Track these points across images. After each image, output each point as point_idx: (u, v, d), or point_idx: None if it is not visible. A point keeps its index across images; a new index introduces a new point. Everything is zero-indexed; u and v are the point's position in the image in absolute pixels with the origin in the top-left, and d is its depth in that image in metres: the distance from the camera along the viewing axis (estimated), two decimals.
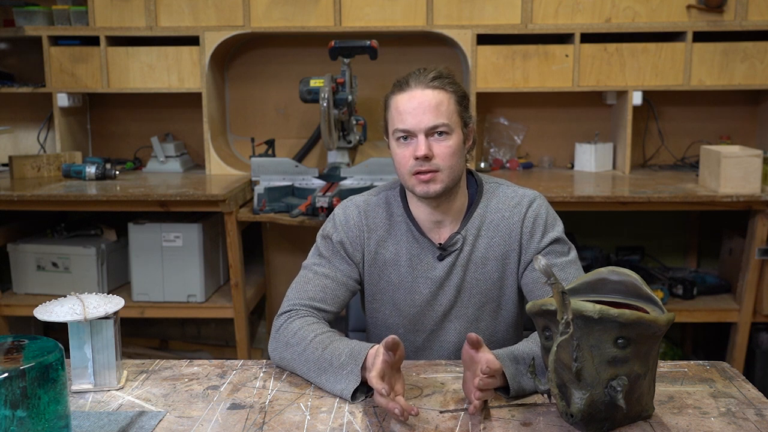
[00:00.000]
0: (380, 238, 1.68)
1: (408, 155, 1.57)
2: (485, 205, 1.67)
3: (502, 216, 1.66)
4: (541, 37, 3.33)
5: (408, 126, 1.56)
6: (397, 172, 1.63)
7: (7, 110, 3.64)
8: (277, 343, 1.56)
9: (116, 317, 1.46)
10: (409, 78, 1.59)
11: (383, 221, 1.69)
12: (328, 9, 3.27)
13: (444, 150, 1.57)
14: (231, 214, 2.98)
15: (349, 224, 1.68)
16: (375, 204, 1.71)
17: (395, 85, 1.61)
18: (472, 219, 1.66)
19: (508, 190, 1.70)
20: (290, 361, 1.52)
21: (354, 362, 1.41)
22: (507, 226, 1.66)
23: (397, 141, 1.59)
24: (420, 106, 1.55)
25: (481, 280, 1.66)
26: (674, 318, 1.25)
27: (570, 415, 1.24)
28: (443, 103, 1.57)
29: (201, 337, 3.80)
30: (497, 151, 3.61)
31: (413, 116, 1.55)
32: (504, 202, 1.67)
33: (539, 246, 1.65)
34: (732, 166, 2.87)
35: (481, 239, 1.66)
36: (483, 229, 1.66)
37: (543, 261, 1.19)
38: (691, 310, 3.15)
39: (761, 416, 1.31)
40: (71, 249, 3.22)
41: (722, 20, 3.23)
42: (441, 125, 1.56)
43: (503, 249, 1.66)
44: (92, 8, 3.32)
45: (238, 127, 3.70)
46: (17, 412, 1.07)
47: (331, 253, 1.68)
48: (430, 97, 1.56)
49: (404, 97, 1.57)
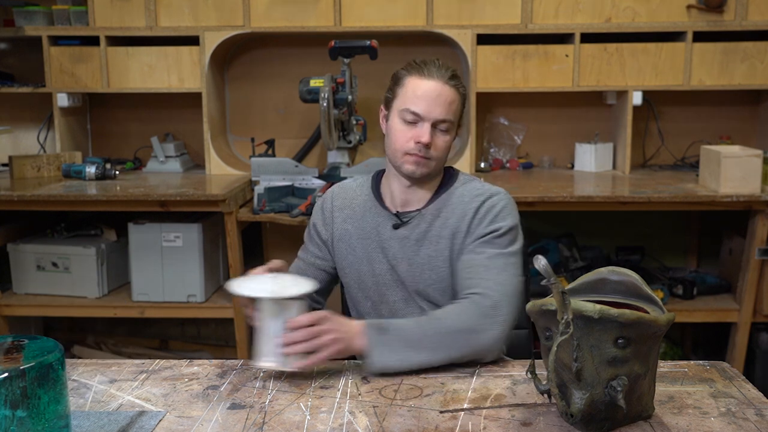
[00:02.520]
0: (346, 216, 1.79)
1: (409, 136, 1.66)
2: (451, 192, 1.75)
3: (462, 200, 1.72)
4: (541, 37, 3.33)
5: (421, 111, 1.65)
6: (387, 145, 1.72)
7: (7, 110, 3.64)
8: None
9: (305, 299, 1.53)
10: (430, 66, 1.67)
11: (351, 201, 1.80)
12: (328, 9, 3.27)
13: (441, 143, 1.68)
14: (231, 214, 2.98)
15: (325, 205, 1.82)
16: (349, 187, 1.84)
17: (413, 66, 1.69)
18: (436, 201, 1.73)
19: (477, 184, 1.77)
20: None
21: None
22: (462, 209, 1.71)
23: (402, 119, 1.67)
24: (438, 98, 1.64)
25: (433, 256, 1.71)
26: (674, 318, 1.25)
27: (570, 415, 1.24)
28: (455, 102, 1.67)
29: (201, 337, 3.80)
30: (497, 151, 3.61)
31: (428, 104, 1.64)
32: (469, 191, 1.74)
33: (482, 231, 1.67)
34: (732, 166, 2.87)
35: (438, 219, 1.72)
36: (443, 210, 1.72)
37: (543, 261, 1.19)
38: (691, 310, 3.15)
39: (761, 416, 1.31)
40: (71, 249, 3.22)
41: (722, 20, 3.23)
42: (447, 121, 1.66)
43: (454, 228, 1.70)
44: (92, 8, 3.32)
45: (238, 127, 3.70)
46: (17, 412, 1.07)
47: (308, 237, 1.85)
48: (448, 92, 1.65)
49: (425, 84, 1.65)
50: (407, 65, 1.70)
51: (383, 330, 1.52)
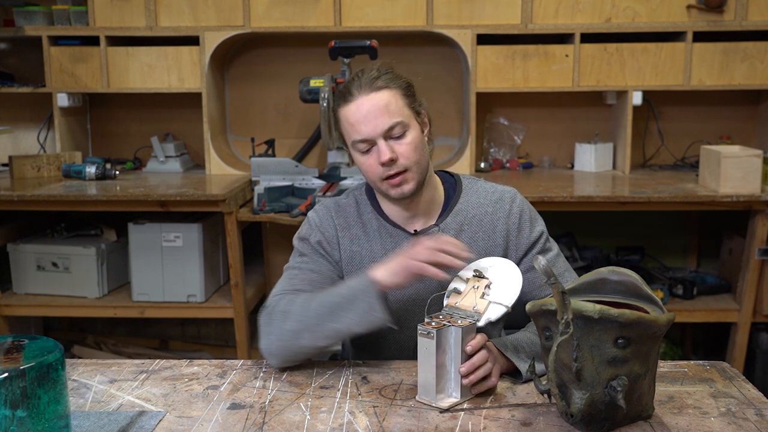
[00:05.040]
0: (353, 236, 1.67)
1: (373, 163, 1.56)
2: (465, 201, 1.68)
3: (485, 212, 1.66)
4: (541, 37, 3.33)
5: (364, 135, 1.55)
6: (367, 180, 1.63)
7: (7, 110, 3.64)
8: (270, 326, 1.52)
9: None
10: (351, 86, 1.57)
11: (355, 220, 1.68)
12: (328, 9, 3.27)
13: (406, 148, 1.56)
14: (231, 214, 2.98)
15: (324, 224, 1.67)
16: (345, 204, 1.70)
17: (339, 96, 1.59)
18: (452, 214, 1.66)
19: (486, 186, 1.71)
20: (292, 327, 1.49)
21: (361, 279, 1.46)
22: (491, 221, 1.66)
23: (359, 152, 1.58)
24: (370, 113, 1.54)
25: None
26: (674, 318, 1.25)
27: (570, 415, 1.24)
28: (391, 102, 1.55)
29: (201, 337, 3.80)
30: (497, 151, 3.61)
31: (366, 124, 1.54)
32: (485, 197, 1.68)
33: (529, 240, 1.66)
34: (732, 166, 2.87)
35: (463, 234, 1.65)
36: (465, 224, 1.66)
37: (543, 261, 1.19)
38: (691, 310, 3.15)
39: (761, 416, 1.31)
40: (71, 249, 3.22)
41: (722, 20, 3.23)
42: (396, 125, 1.55)
43: (487, 244, 1.65)
44: (92, 8, 3.32)
45: (238, 127, 3.70)
46: (17, 412, 1.07)
47: (311, 252, 1.66)
48: (376, 100, 1.54)
49: (352, 108, 1.56)
50: (336, 96, 1.61)
51: (515, 348, 1.49)
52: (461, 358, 1.36)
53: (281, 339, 1.51)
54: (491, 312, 1.40)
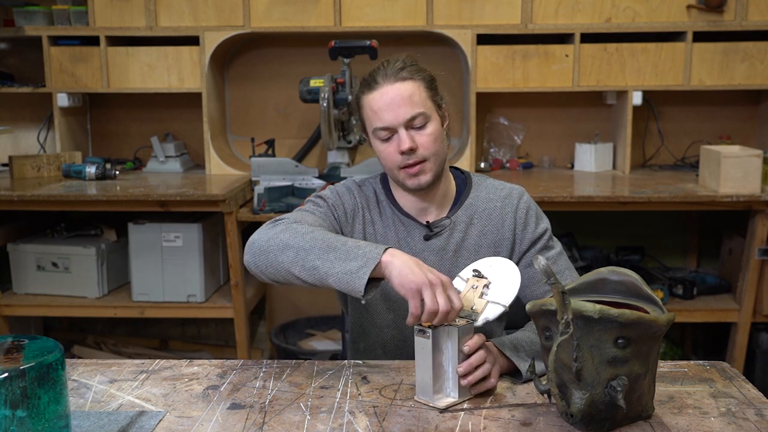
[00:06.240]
0: (370, 218, 1.69)
1: (392, 151, 1.59)
2: (475, 195, 1.70)
3: (494, 206, 1.69)
4: (541, 37, 3.33)
5: (386, 123, 1.58)
6: (384, 168, 1.65)
7: (7, 110, 3.64)
8: (273, 228, 1.49)
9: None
10: (376, 75, 1.60)
11: (374, 204, 1.71)
12: (327, 9, 3.27)
13: (426, 139, 1.58)
14: (231, 214, 2.98)
15: (345, 198, 1.69)
16: (366, 189, 1.73)
17: (363, 84, 1.62)
18: (463, 207, 1.69)
19: (495, 182, 1.74)
20: (285, 240, 1.44)
21: (373, 247, 1.38)
22: (499, 215, 1.68)
23: (379, 139, 1.61)
24: (393, 101, 1.57)
25: None
26: (674, 318, 1.25)
27: (570, 415, 1.24)
28: (415, 92, 1.58)
29: (201, 337, 3.80)
30: (497, 151, 3.61)
31: (389, 112, 1.57)
32: (494, 192, 1.71)
33: (533, 236, 1.67)
34: (732, 166, 2.87)
35: (473, 227, 1.68)
36: (475, 217, 1.68)
37: (543, 261, 1.19)
38: (691, 310, 3.15)
39: (761, 416, 1.31)
40: (71, 249, 3.22)
41: (722, 20, 3.23)
42: (418, 115, 1.57)
43: (495, 237, 1.68)
44: (92, 8, 3.32)
45: (238, 127, 3.70)
46: (17, 412, 1.07)
47: (325, 209, 1.65)
48: (401, 89, 1.57)
49: (376, 95, 1.59)
50: (360, 84, 1.64)
51: (515, 348, 1.49)
52: (459, 358, 1.36)
53: (269, 242, 1.47)
54: (489, 311, 1.40)
